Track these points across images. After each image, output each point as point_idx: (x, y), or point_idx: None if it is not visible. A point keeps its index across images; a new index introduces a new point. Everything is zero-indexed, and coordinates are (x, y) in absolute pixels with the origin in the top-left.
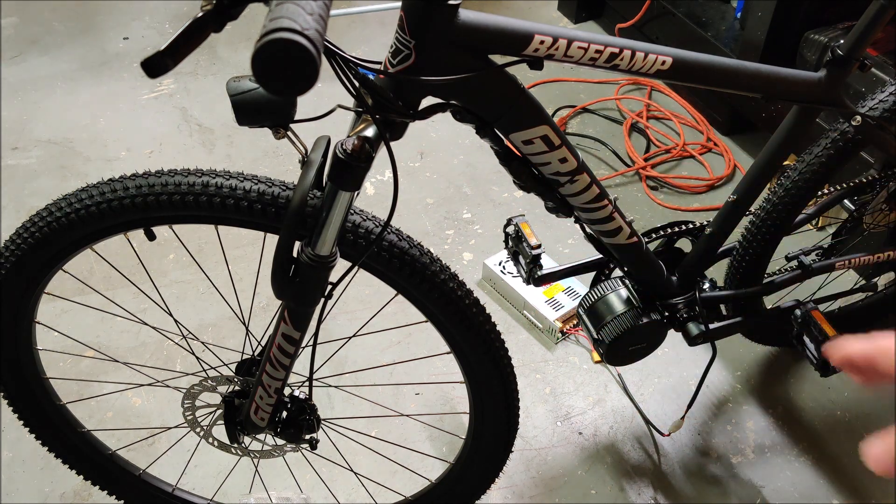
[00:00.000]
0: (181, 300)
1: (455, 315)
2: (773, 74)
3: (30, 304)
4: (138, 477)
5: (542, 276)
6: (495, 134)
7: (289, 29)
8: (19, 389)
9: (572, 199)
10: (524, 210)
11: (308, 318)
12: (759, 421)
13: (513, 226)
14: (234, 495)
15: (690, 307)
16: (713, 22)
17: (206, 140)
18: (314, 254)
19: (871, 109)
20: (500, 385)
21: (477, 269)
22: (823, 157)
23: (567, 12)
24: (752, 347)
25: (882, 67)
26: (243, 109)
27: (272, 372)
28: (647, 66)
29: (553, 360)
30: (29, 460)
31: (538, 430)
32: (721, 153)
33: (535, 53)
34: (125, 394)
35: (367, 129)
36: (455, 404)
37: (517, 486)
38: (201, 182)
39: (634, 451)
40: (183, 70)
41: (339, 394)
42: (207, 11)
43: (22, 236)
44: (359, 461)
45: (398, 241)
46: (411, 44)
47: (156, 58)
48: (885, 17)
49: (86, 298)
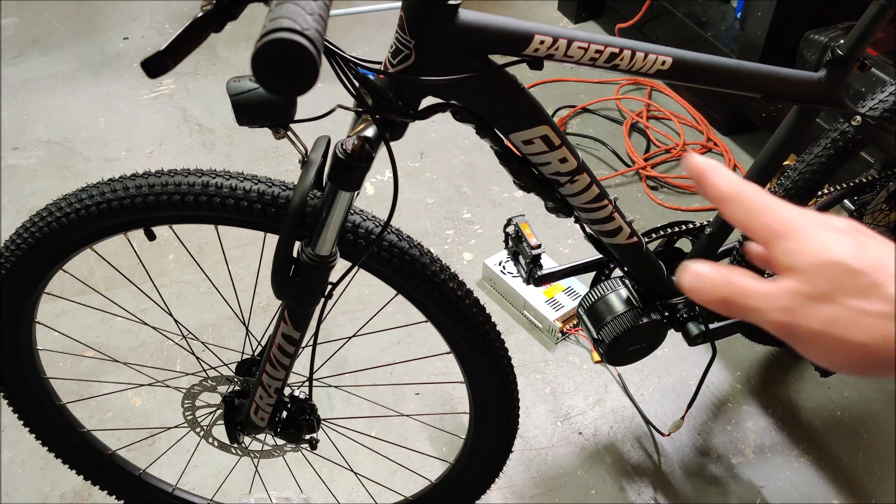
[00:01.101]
0: (181, 300)
1: (455, 315)
2: (773, 74)
3: (30, 304)
4: (138, 477)
5: (542, 276)
6: (495, 134)
7: (289, 29)
8: (19, 389)
9: (572, 199)
10: (524, 210)
11: (308, 318)
12: (759, 421)
13: (513, 226)
14: (234, 495)
15: (690, 307)
16: (713, 22)
17: (206, 140)
18: (314, 254)
19: (871, 109)
20: (500, 385)
21: (477, 269)
22: (823, 157)
23: (567, 12)
24: (752, 347)
25: (882, 67)
26: (243, 109)
27: (272, 372)
28: (647, 66)
29: (553, 360)
30: (29, 460)
31: (538, 430)
32: (721, 153)
33: (535, 53)
34: (125, 394)
35: (367, 129)
36: (455, 404)
37: (517, 486)
38: (201, 182)
39: (634, 451)
40: (183, 70)
41: (339, 394)
42: (207, 11)
43: (22, 236)
44: (359, 461)
45: (398, 241)
46: (411, 44)
47: (156, 58)
48: (885, 17)
49: (86, 298)
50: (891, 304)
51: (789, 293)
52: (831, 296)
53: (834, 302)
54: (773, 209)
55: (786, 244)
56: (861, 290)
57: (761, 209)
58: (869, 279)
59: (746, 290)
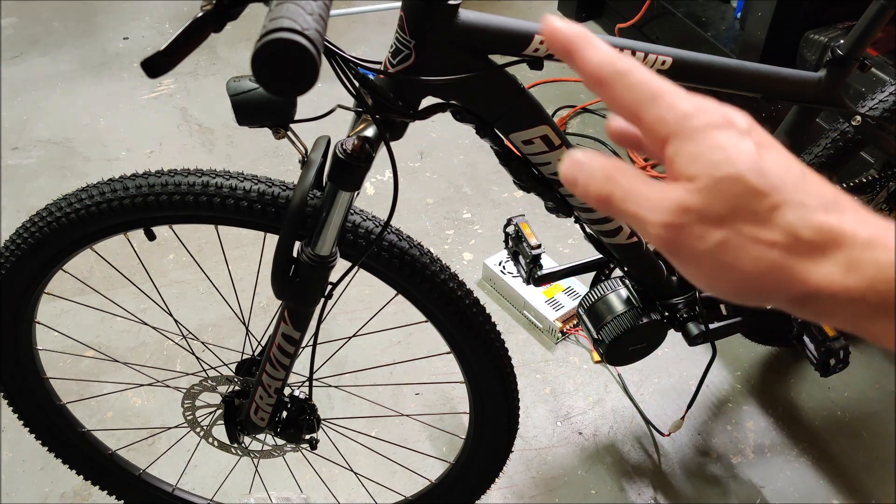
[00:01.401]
0: (181, 300)
1: (455, 315)
2: (774, 74)
3: (30, 304)
4: (138, 477)
5: (542, 276)
6: (495, 134)
7: (289, 29)
8: (19, 389)
9: (572, 199)
10: (524, 210)
11: (308, 318)
12: (759, 421)
13: (513, 226)
14: (234, 495)
15: (690, 307)
16: (713, 22)
17: (206, 140)
18: (314, 254)
19: (871, 109)
20: (500, 385)
21: (477, 269)
22: (823, 156)
23: (567, 12)
24: (752, 347)
25: (882, 67)
26: (243, 109)
27: (272, 372)
28: (646, 66)
29: (553, 360)
30: (29, 460)
31: (538, 430)
32: None
33: (535, 53)
34: (125, 394)
35: (367, 129)
36: (455, 404)
37: (517, 486)
38: (201, 182)
39: (634, 451)
40: (183, 70)
41: (339, 394)
42: (207, 11)
43: (22, 236)
44: (359, 461)
45: (398, 241)
46: (411, 44)
47: (156, 58)
48: (885, 17)
49: (86, 298)
50: (783, 234)
51: (679, 208)
52: (725, 219)
53: (727, 226)
54: (668, 95)
55: (681, 145)
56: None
57: (653, 95)
58: (769, 202)
59: (629, 191)
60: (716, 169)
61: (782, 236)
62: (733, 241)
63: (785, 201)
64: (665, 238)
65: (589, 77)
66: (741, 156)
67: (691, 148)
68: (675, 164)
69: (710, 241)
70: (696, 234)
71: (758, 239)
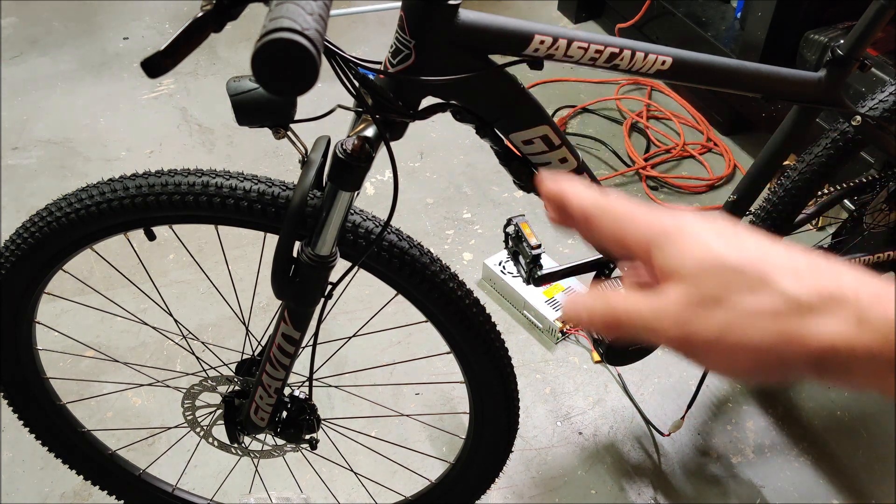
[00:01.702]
0: (181, 300)
1: (455, 315)
2: (773, 74)
3: (30, 304)
4: (138, 477)
5: (542, 276)
6: (495, 134)
7: (289, 29)
8: (19, 389)
9: None
10: (524, 210)
11: (308, 318)
12: (759, 421)
13: (513, 226)
14: (234, 495)
15: None
16: (713, 22)
17: (206, 140)
18: (314, 254)
19: (871, 109)
20: (500, 385)
21: (477, 269)
22: (823, 156)
23: (567, 12)
24: None
25: (882, 67)
26: (243, 109)
27: (272, 372)
28: (647, 66)
29: (553, 360)
30: (29, 460)
31: (538, 430)
32: (721, 153)
33: (535, 53)
34: (125, 394)
35: (367, 129)
36: (455, 404)
37: (517, 486)
38: (201, 182)
39: (634, 451)
40: (183, 70)
41: (339, 394)
42: (207, 11)
43: (22, 236)
44: (359, 461)
45: (398, 241)
46: (411, 44)
47: (156, 58)
48: (885, 17)
49: (86, 298)
50: (780, 297)
51: (679, 303)
52: (721, 298)
53: (725, 304)
54: (644, 215)
55: (665, 250)
56: (749, 287)
57: (632, 218)
58: (754, 274)
59: (632, 310)
60: (701, 258)
61: (782, 302)
62: (736, 317)
63: (773, 269)
64: (678, 337)
65: (579, 215)
66: (720, 244)
67: (674, 249)
68: (664, 266)
69: (716, 322)
70: (703, 322)
71: (758, 309)
